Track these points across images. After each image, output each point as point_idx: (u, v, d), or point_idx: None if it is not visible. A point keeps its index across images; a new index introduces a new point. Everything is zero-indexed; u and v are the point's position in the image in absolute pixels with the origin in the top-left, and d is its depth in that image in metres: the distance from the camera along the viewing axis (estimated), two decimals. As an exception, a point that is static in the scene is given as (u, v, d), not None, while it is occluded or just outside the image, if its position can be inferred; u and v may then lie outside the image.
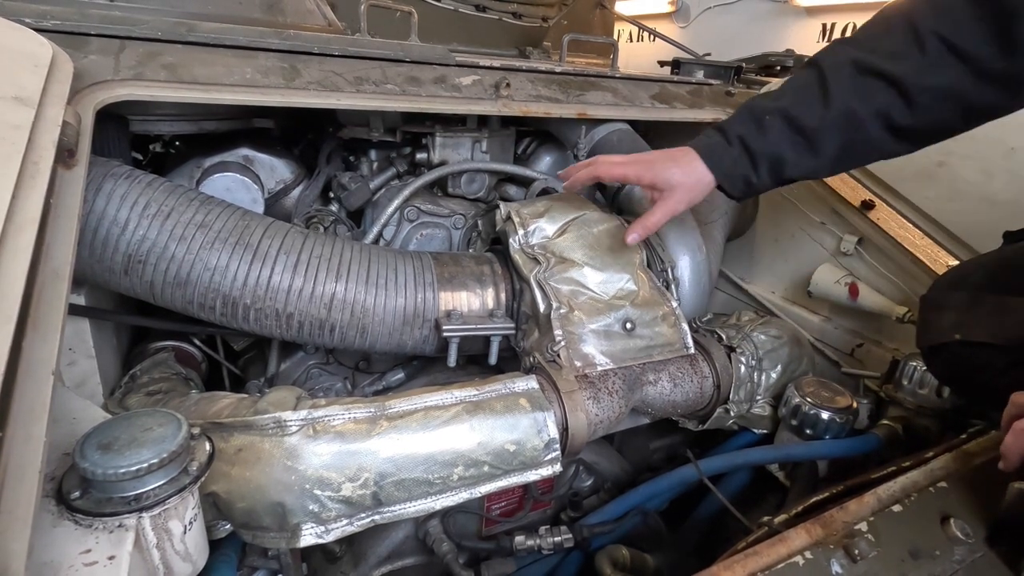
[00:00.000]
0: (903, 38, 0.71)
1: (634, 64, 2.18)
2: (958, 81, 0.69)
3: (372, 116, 1.11)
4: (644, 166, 0.84)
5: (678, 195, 0.82)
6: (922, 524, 0.63)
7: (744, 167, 0.80)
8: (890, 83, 0.71)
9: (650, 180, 0.84)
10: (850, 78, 0.73)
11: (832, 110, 0.74)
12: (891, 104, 0.72)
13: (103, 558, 0.41)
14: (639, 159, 0.86)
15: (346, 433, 0.63)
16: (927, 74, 0.70)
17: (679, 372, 0.93)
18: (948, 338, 0.80)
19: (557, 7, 1.97)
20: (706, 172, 0.82)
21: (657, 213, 0.84)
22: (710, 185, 0.83)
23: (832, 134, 0.76)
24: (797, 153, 0.77)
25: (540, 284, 0.90)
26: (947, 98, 0.71)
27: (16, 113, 0.55)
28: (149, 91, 0.77)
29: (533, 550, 0.91)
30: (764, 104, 0.79)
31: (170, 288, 0.79)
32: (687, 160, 0.83)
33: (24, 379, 0.42)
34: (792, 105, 0.77)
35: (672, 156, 0.84)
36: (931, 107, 0.71)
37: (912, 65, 0.70)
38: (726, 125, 0.82)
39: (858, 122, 0.74)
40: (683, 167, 0.82)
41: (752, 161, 0.79)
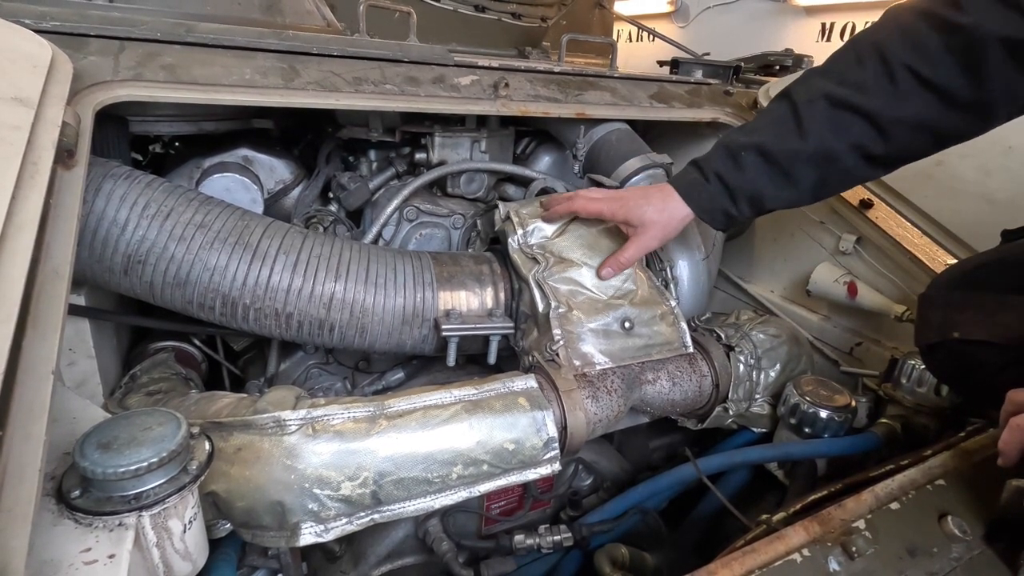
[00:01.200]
0: (874, 70, 0.72)
1: (633, 64, 2.19)
2: (929, 111, 0.71)
3: (371, 116, 1.11)
4: (619, 203, 0.87)
5: (651, 232, 0.86)
6: (920, 522, 0.63)
7: (723, 202, 0.82)
8: (863, 117, 0.73)
9: (623, 217, 0.87)
10: (824, 112, 0.74)
11: (808, 144, 0.75)
12: (865, 136, 0.74)
13: (103, 557, 0.41)
14: (615, 196, 0.89)
15: (345, 432, 0.63)
16: (898, 106, 0.71)
17: (678, 371, 0.93)
18: (946, 336, 0.80)
19: (556, 7, 1.97)
20: (683, 208, 0.84)
21: (630, 249, 0.88)
22: (685, 220, 0.86)
23: (809, 167, 0.77)
24: (775, 187, 0.79)
25: (539, 283, 0.90)
26: (919, 128, 0.72)
27: (16, 114, 0.55)
28: (148, 92, 0.77)
29: (532, 549, 0.91)
30: (740, 139, 0.81)
31: (170, 288, 0.79)
32: (662, 197, 0.86)
33: (24, 378, 0.42)
34: (768, 140, 0.78)
35: (647, 194, 0.87)
36: (904, 137, 0.73)
37: (884, 98, 0.71)
38: (703, 162, 0.84)
39: (834, 156, 0.76)
40: (657, 205, 0.85)
41: (731, 196, 0.81)
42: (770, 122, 0.80)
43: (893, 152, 0.76)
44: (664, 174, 1.16)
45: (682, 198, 0.84)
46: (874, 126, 0.73)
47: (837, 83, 0.74)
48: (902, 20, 0.72)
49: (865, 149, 0.75)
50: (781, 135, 0.77)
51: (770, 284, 1.38)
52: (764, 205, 0.82)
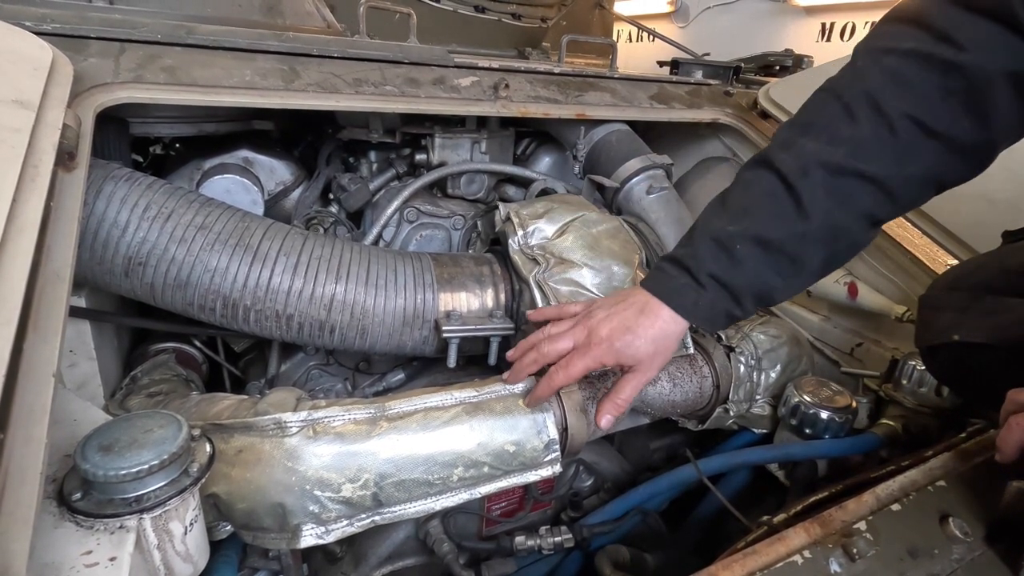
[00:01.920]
0: (871, 124, 0.63)
1: (633, 64, 2.19)
2: (937, 163, 0.63)
3: (371, 117, 1.11)
4: (603, 348, 0.69)
5: (646, 366, 0.71)
6: (921, 523, 0.63)
7: (725, 304, 0.69)
8: (869, 181, 0.63)
9: (614, 362, 0.71)
10: (823, 185, 0.64)
11: (813, 224, 0.65)
12: (874, 203, 0.65)
13: (104, 559, 0.41)
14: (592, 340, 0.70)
15: (346, 434, 0.63)
16: (906, 164, 0.63)
17: (678, 372, 0.93)
18: (946, 339, 0.80)
19: (556, 8, 1.97)
20: (674, 322, 0.70)
21: (627, 390, 0.72)
22: (681, 335, 0.72)
23: (815, 247, 0.67)
24: (783, 277, 0.68)
25: (539, 285, 0.90)
26: (927, 182, 0.65)
27: (16, 116, 0.55)
28: (149, 94, 0.78)
29: (533, 550, 0.91)
30: (727, 229, 0.68)
31: (170, 290, 0.80)
32: (647, 322, 0.70)
33: (25, 381, 0.42)
34: (763, 226, 0.66)
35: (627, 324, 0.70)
36: (912, 194, 0.66)
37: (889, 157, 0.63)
38: (689, 261, 0.69)
39: (844, 230, 0.66)
40: (642, 334, 0.69)
41: (733, 297, 0.68)
42: (760, 202, 0.68)
43: (899, 211, 0.68)
44: (664, 175, 1.16)
45: (675, 312, 0.70)
46: (882, 190, 0.64)
47: (830, 145, 0.64)
48: (888, 64, 0.63)
49: (874, 217, 0.66)
50: (778, 217, 0.66)
51: (770, 285, 1.37)
52: (772, 298, 0.70)
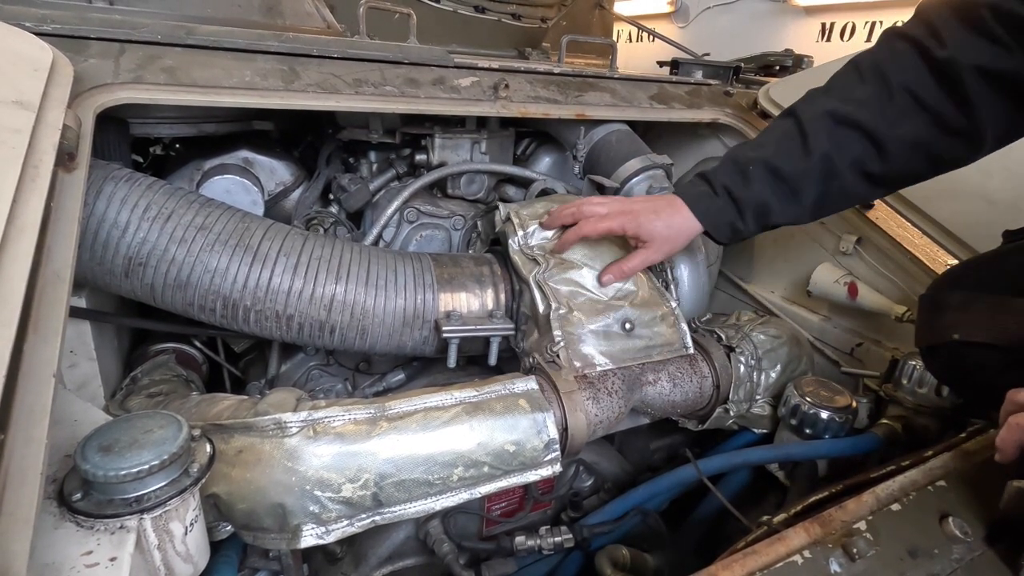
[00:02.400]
0: (874, 89, 0.75)
1: (633, 64, 2.19)
2: (925, 132, 0.74)
3: (371, 118, 1.11)
4: (628, 217, 0.88)
5: (657, 245, 0.88)
6: (921, 523, 0.63)
7: (730, 215, 0.84)
8: (864, 134, 0.76)
9: (633, 232, 0.88)
10: (827, 129, 0.77)
11: (812, 160, 0.78)
12: (865, 154, 0.77)
13: (104, 559, 0.42)
14: (623, 210, 0.89)
15: (346, 434, 0.64)
16: (897, 124, 0.74)
17: (679, 372, 0.93)
18: (947, 338, 0.80)
19: (556, 8, 1.97)
20: (691, 220, 0.86)
21: (635, 260, 0.90)
22: (692, 233, 0.87)
23: (812, 182, 0.79)
24: (780, 201, 0.81)
25: (539, 285, 0.90)
26: (915, 147, 0.75)
27: (16, 117, 0.55)
28: (149, 94, 0.78)
29: (533, 550, 0.91)
30: (748, 154, 0.83)
31: (170, 290, 0.80)
32: (671, 211, 0.87)
33: (25, 381, 0.43)
34: (774, 155, 0.81)
35: (656, 208, 0.88)
36: (901, 156, 0.76)
37: (883, 115, 0.75)
38: (711, 175, 0.86)
39: (835, 172, 0.78)
40: (665, 219, 0.87)
41: (738, 209, 0.83)
42: (777, 138, 0.82)
43: (891, 172, 0.78)
44: (664, 175, 1.16)
45: (690, 210, 0.86)
46: (873, 143, 0.76)
47: (839, 100, 0.77)
48: (897, 47, 0.76)
49: (864, 166, 0.77)
50: (787, 151, 0.80)
51: (770, 285, 1.37)
52: (769, 219, 0.84)
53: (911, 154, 0.76)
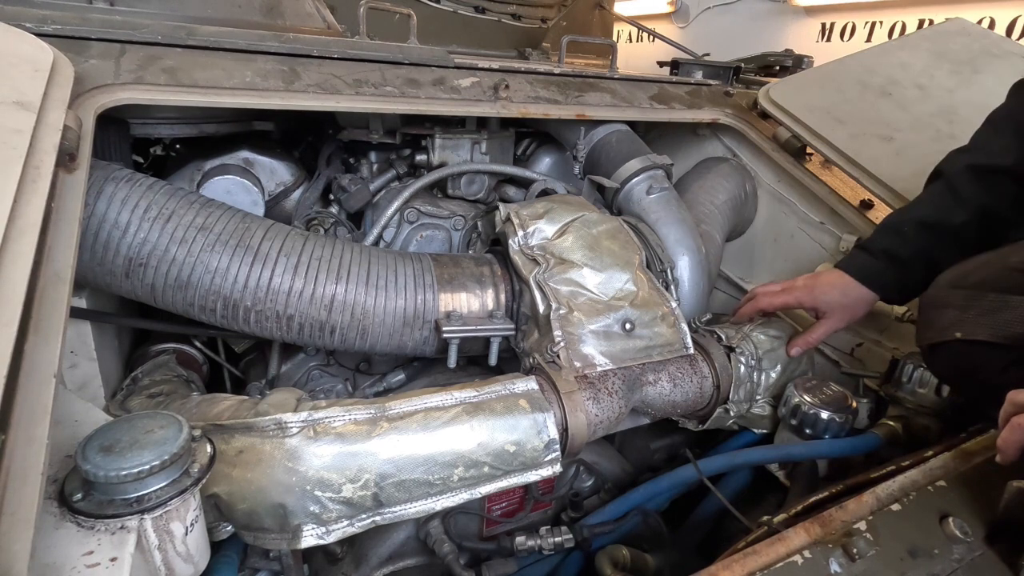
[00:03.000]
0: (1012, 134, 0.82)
1: (633, 64, 2.19)
2: None
3: (371, 118, 1.11)
4: (806, 292, 0.96)
5: (838, 315, 0.95)
6: (921, 523, 0.63)
7: (897, 275, 0.90)
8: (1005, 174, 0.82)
9: (811, 304, 0.96)
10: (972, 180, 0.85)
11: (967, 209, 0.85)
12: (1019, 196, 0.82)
13: (105, 559, 0.42)
14: (802, 287, 0.97)
15: (347, 434, 0.64)
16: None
17: (679, 372, 0.93)
18: (948, 336, 0.80)
19: (556, 8, 1.97)
20: (864, 291, 0.92)
21: (820, 330, 0.96)
22: (870, 302, 0.94)
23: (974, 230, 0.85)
24: (945, 252, 0.86)
25: (539, 285, 0.90)
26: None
27: (17, 118, 0.55)
28: (149, 95, 0.78)
29: (534, 550, 0.91)
30: (902, 218, 0.91)
31: (171, 291, 0.80)
32: (844, 283, 0.94)
33: (26, 382, 0.43)
34: (929, 214, 0.88)
35: (831, 282, 0.95)
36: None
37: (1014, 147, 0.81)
38: (870, 244, 0.93)
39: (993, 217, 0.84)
40: (841, 289, 0.94)
41: (903, 268, 0.89)
42: (924, 199, 0.90)
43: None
44: (664, 175, 1.16)
45: (858, 281, 0.92)
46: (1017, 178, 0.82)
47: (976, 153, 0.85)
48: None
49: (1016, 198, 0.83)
50: (938, 206, 0.87)
51: (771, 285, 1.37)
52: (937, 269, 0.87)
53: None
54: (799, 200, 1.29)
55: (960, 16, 1.56)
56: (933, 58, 1.38)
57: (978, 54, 1.36)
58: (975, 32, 1.45)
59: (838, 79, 1.39)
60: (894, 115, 1.27)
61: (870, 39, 3.53)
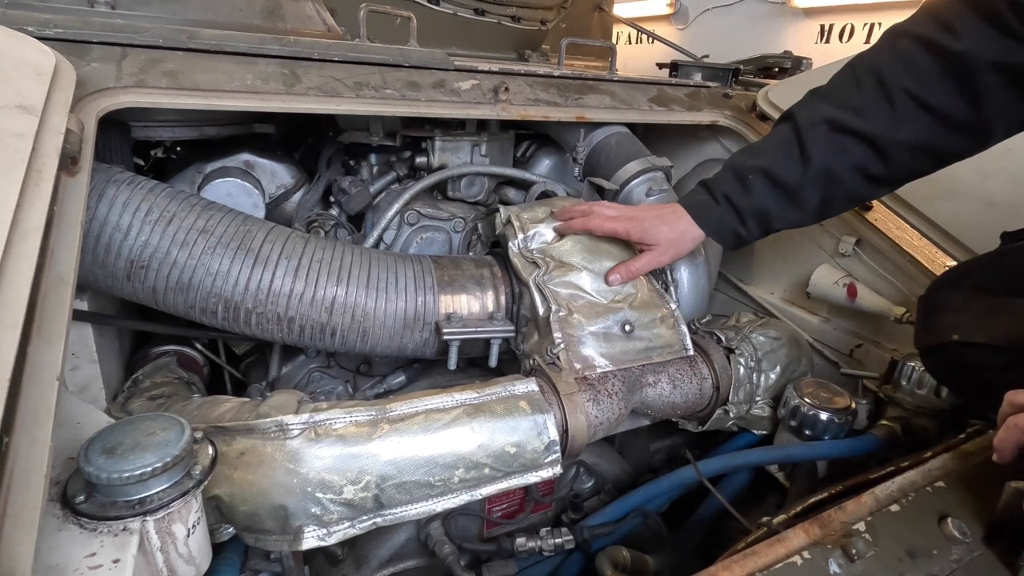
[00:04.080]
0: (873, 94, 0.75)
1: (633, 66, 2.19)
2: (927, 134, 0.74)
3: (372, 121, 1.12)
4: (634, 222, 0.91)
5: (662, 249, 0.91)
6: (920, 524, 0.63)
7: (732, 222, 0.86)
8: (863, 140, 0.76)
9: (639, 236, 0.91)
10: (825, 137, 0.78)
11: (811, 168, 0.79)
12: (866, 158, 0.77)
13: (108, 561, 0.42)
14: (631, 215, 0.93)
15: (347, 436, 0.64)
16: (897, 129, 0.74)
17: (678, 374, 0.93)
18: (946, 339, 0.80)
19: (555, 10, 1.97)
20: (694, 228, 0.89)
21: (642, 260, 0.92)
22: (698, 238, 0.90)
23: (812, 189, 0.81)
24: (781, 208, 0.83)
25: (539, 287, 0.91)
26: (917, 149, 0.75)
27: (20, 121, 0.55)
28: (151, 98, 0.78)
29: (534, 552, 0.91)
30: (747, 162, 0.84)
31: (172, 293, 0.80)
32: (675, 218, 0.90)
33: (29, 384, 0.43)
34: (773, 164, 0.82)
35: (661, 215, 0.91)
36: (903, 158, 0.76)
37: (883, 121, 0.74)
38: (713, 184, 0.88)
39: (836, 178, 0.79)
40: (670, 225, 0.90)
41: (739, 217, 0.85)
42: (775, 144, 0.83)
43: (894, 172, 0.78)
44: (663, 177, 1.16)
45: (693, 219, 0.88)
46: (873, 148, 0.76)
47: (837, 107, 0.77)
48: (899, 45, 0.75)
49: (866, 170, 0.78)
50: (786, 158, 0.81)
51: (770, 286, 1.38)
52: (771, 225, 0.86)
53: (914, 155, 0.76)
54: (798, 202, 1.29)
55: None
56: (931, 60, 1.38)
57: (976, 56, 1.36)
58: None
59: (837, 81, 1.39)
60: (892, 117, 1.27)
61: (869, 40, 3.53)
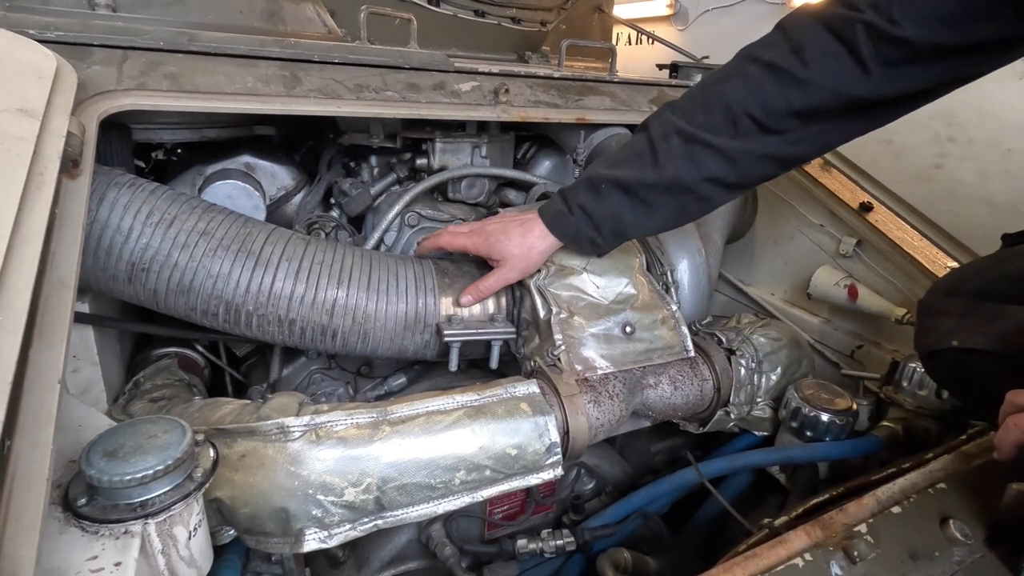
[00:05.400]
0: (720, 117, 0.77)
1: (633, 67, 2.19)
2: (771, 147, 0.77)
3: (372, 122, 1.12)
4: (481, 238, 0.91)
5: (510, 264, 0.89)
6: (921, 525, 0.63)
7: (588, 231, 0.86)
8: (713, 150, 0.77)
9: (486, 252, 0.91)
10: (678, 147, 0.79)
11: (663, 177, 0.80)
12: (717, 167, 0.78)
13: (109, 564, 0.42)
14: (477, 230, 0.92)
15: (348, 438, 0.64)
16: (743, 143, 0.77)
17: (679, 375, 0.93)
18: (945, 344, 0.80)
19: (555, 11, 1.97)
20: (545, 239, 0.88)
21: (490, 279, 0.91)
22: (548, 250, 0.90)
23: (665, 197, 0.82)
24: (635, 216, 0.84)
25: (540, 290, 0.91)
26: (764, 159, 0.78)
27: (21, 125, 0.55)
28: (152, 100, 0.78)
29: (535, 553, 0.91)
30: (602, 173, 0.85)
31: (173, 295, 0.80)
32: (523, 231, 0.89)
33: (31, 387, 0.43)
34: (627, 174, 0.82)
35: (507, 229, 0.90)
36: (752, 166, 0.79)
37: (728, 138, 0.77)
38: (568, 193, 0.88)
39: (686, 186, 0.80)
40: (517, 239, 0.89)
41: (594, 225, 0.85)
42: (629, 155, 0.84)
43: (745, 178, 0.81)
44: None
45: (547, 228, 0.88)
46: (724, 158, 0.77)
47: (688, 122, 0.79)
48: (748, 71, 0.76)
49: (719, 179, 0.79)
50: (638, 168, 0.82)
51: (771, 287, 1.38)
52: (626, 233, 0.86)
53: (761, 163, 0.78)
54: (798, 202, 1.30)
55: (958, 19, 1.55)
56: (931, 61, 1.39)
57: (976, 57, 1.37)
58: (973, 35, 1.45)
59: (837, 82, 1.39)
60: (893, 118, 1.27)
61: (869, 41, 3.53)
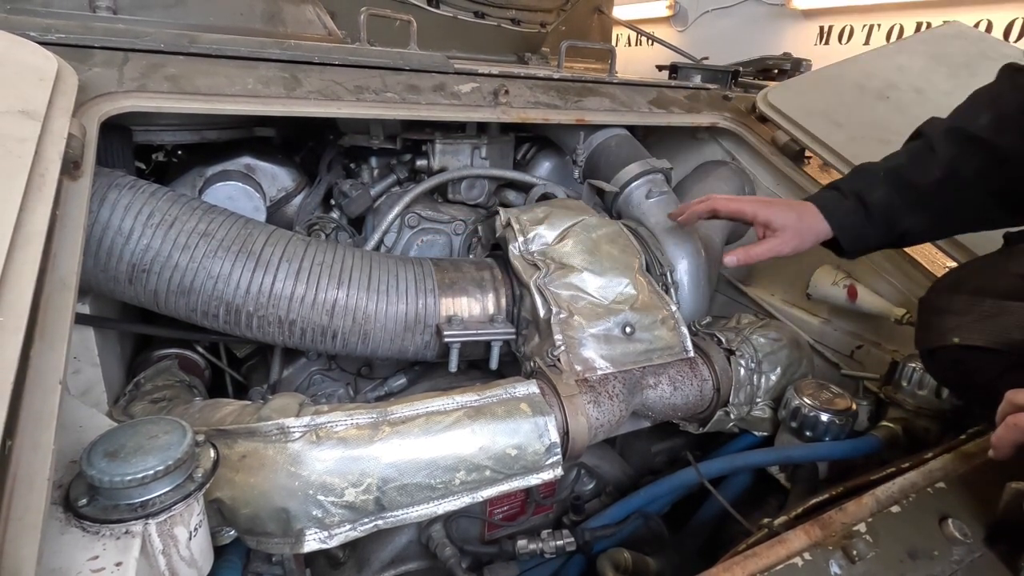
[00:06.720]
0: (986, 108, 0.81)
1: (632, 68, 2.20)
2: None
3: (372, 124, 1.12)
4: (762, 204, 0.90)
5: (787, 236, 0.88)
6: (921, 525, 0.63)
7: (859, 218, 0.86)
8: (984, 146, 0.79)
9: (765, 218, 0.89)
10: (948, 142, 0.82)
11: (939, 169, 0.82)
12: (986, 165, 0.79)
13: (110, 564, 0.42)
14: (758, 198, 0.93)
15: (349, 439, 0.64)
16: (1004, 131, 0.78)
17: (679, 375, 0.93)
18: (946, 342, 0.80)
19: (555, 13, 1.98)
20: (821, 223, 0.87)
21: (763, 246, 0.89)
22: (821, 234, 0.88)
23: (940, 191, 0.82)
24: (908, 208, 0.84)
25: (540, 290, 0.91)
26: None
27: (23, 126, 0.55)
28: (152, 102, 0.78)
29: (535, 554, 0.91)
30: (875, 165, 0.87)
31: (174, 296, 0.80)
32: (804, 210, 0.89)
33: (32, 388, 0.43)
34: (903, 166, 0.85)
35: (791, 204, 0.90)
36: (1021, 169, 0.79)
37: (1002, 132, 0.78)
38: (841, 183, 0.89)
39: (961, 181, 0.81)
40: (799, 214, 0.88)
41: (866, 212, 0.85)
42: (905, 151, 0.87)
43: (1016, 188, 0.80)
44: (663, 179, 1.17)
45: (821, 213, 0.87)
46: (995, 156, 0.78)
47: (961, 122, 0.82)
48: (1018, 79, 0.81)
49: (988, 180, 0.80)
50: (915, 160, 0.84)
51: (770, 287, 1.38)
52: (897, 225, 0.85)
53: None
54: (798, 203, 1.30)
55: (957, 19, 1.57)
56: (930, 61, 1.39)
57: (975, 57, 1.37)
58: (972, 35, 1.45)
59: (836, 83, 1.40)
60: (892, 118, 1.27)
61: (868, 42, 3.53)
